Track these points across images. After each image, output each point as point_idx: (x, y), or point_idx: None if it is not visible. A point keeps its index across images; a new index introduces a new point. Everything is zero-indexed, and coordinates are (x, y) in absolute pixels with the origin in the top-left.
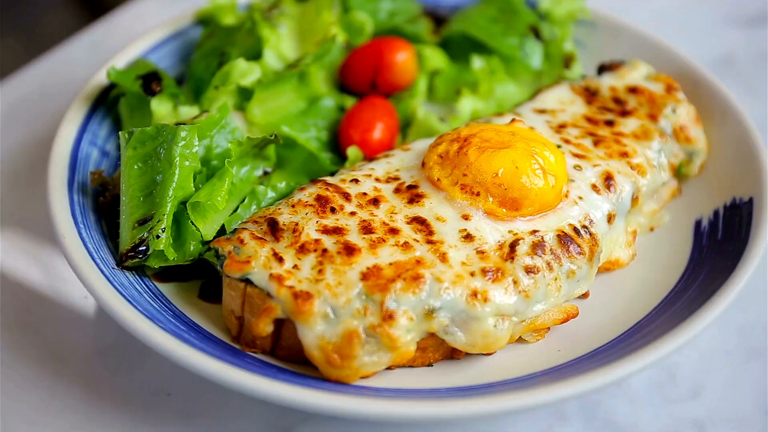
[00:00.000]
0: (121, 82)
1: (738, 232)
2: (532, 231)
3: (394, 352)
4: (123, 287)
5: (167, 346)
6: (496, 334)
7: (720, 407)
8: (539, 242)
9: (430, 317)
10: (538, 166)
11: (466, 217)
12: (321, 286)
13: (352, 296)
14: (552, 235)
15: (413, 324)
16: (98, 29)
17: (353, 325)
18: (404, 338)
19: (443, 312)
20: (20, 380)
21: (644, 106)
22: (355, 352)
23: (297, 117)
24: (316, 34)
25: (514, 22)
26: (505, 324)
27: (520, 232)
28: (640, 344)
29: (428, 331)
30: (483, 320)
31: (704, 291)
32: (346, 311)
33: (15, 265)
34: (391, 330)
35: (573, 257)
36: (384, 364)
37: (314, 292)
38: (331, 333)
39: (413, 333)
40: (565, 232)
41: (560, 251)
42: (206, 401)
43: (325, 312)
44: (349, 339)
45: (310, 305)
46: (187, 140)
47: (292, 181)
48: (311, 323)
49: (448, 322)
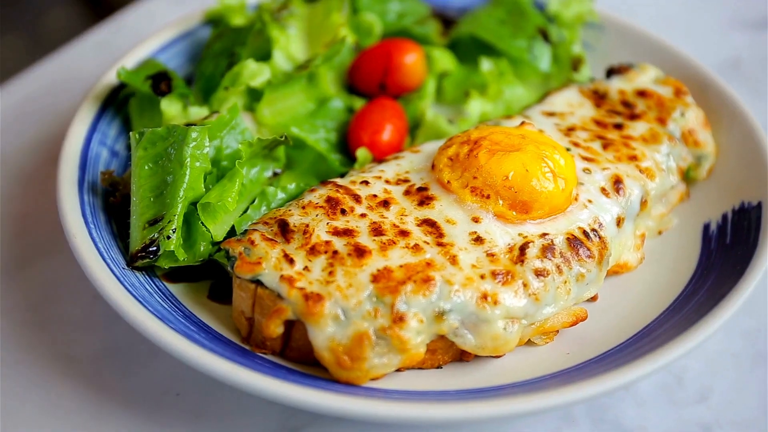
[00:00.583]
0: (131, 82)
1: (747, 237)
2: (542, 234)
3: (404, 354)
4: (133, 287)
5: (177, 347)
6: (505, 337)
7: (727, 410)
8: (549, 245)
9: (440, 319)
10: (548, 169)
11: (476, 219)
12: (332, 288)
13: (362, 298)
14: (562, 239)
15: (423, 326)
16: (105, 29)
17: (363, 326)
18: (414, 340)
19: (453, 314)
20: (28, 381)
21: (653, 109)
22: (366, 354)
23: (306, 118)
24: (326, 36)
25: (523, 24)
26: (514, 327)
27: (530, 235)
28: (649, 348)
29: (438, 333)
30: (493, 323)
31: (713, 295)
32: (357, 313)
33: (23, 264)
34: (402, 332)
35: (582, 260)
36: (394, 366)
37: (325, 293)
38: (342, 335)
39: (423, 335)
40: (574, 235)
41: (570, 254)
42: (215, 402)
43: (336, 314)
44: (360, 341)
45: (320, 307)
46: (197, 141)
47: (302, 182)
48: (322, 325)
49: (458, 325)
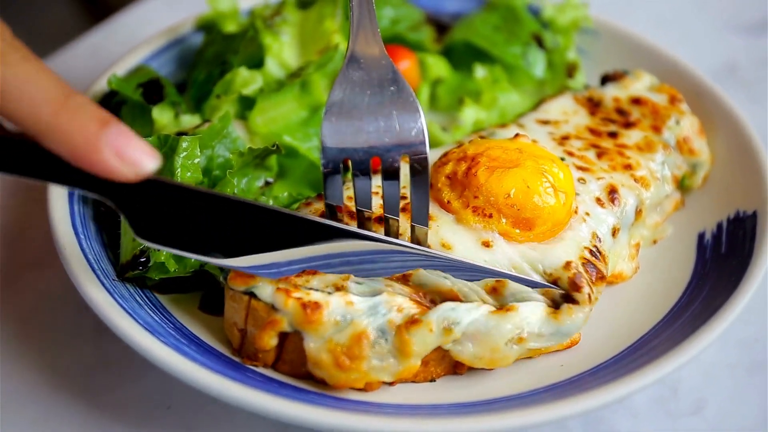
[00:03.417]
0: (122, 90)
1: (741, 246)
2: (566, 264)
3: (403, 359)
4: (123, 299)
5: (166, 360)
6: (505, 352)
7: (722, 422)
8: (575, 276)
9: (449, 332)
10: (549, 184)
11: (486, 244)
12: (332, 298)
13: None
14: (579, 264)
15: (432, 336)
16: (99, 33)
17: (363, 325)
18: (418, 347)
19: (460, 327)
20: (18, 393)
21: (648, 117)
22: (365, 353)
23: (299, 126)
24: (319, 42)
25: (517, 30)
26: (517, 346)
27: (554, 272)
28: (643, 361)
29: (441, 345)
30: (498, 336)
31: (707, 307)
32: (359, 314)
33: (15, 274)
34: (409, 335)
35: (597, 283)
36: (391, 373)
37: (324, 302)
38: (340, 336)
39: (428, 346)
40: (587, 258)
41: (588, 279)
42: (207, 415)
43: (336, 320)
44: (358, 339)
45: (319, 314)
46: (188, 151)
47: (294, 191)
48: (321, 332)
49: (460, 336)
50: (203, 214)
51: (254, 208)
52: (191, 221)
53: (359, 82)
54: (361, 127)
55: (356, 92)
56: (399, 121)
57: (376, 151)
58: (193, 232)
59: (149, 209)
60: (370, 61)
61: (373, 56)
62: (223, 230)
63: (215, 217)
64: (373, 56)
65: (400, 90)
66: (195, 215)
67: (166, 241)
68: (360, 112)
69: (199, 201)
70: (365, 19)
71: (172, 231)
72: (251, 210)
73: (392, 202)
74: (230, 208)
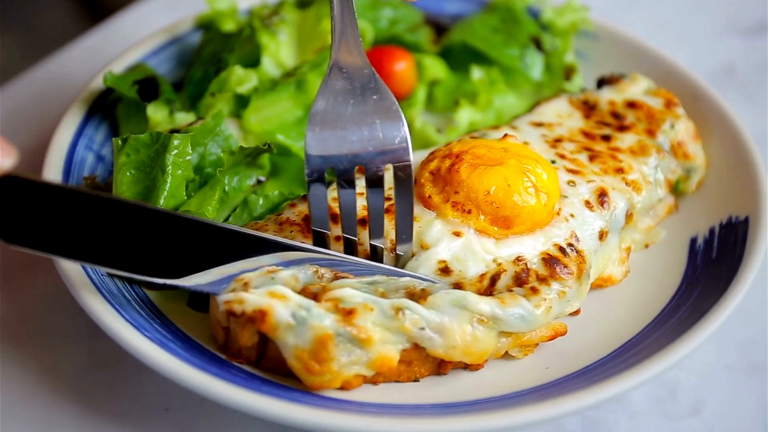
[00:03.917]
0: (117, 86)
1: (732, 252)
2: (517, 259)
3: (368, 347)
4: (111, 295)
5: (152, 356)
6: (475, 334)
7: (721, 423)
8: (522, 271)
9: (397, 313)
10: (531, 183)
11: (457, 234)
12: (275, 299)
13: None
14: (537, 260)
15: (376, 315)
16: (98, 33)
17: (323, 325)
18: (374, 331)
19: (408, 310)
20: (14, 395)
21: (642, 121)
22: (332, 354)
23: (293, 125)
24: (316, 42)
25: (516, 32)
26: (482, 327)
27: (504, 263)
28: (629, 364)
29: (402, 331)
30: (458, 321)
31: (696, 311)
32: (309, 314)
33: (11, 275)
34: (357, 320)
35: (561, 278)
36: (364, 364)
37: (267, 306)
38: (303, 340)
39: (383, 330)
40: (550, 254)
41: (547, 274)
42: (204, 417)
43: (288, 322)
44: (323, 343)
45: (269, 321)
46: (180, 148)
47: (286, 190)
48: (280, 337)
49: (423, 325)
50: (75, 215)
51: (143, 210)
52: (60, 221)
53: (342, 91)
54: (344, 136)
55: (339, 101)
56: (382, 129)
57: (359, 160)
58: (62, 233)
59: (12, 209)
60: (353, 70)
61: (355, 65)
62: (107, 235)
63: (92, 219)
64: (356, 65)
65: (383, 98)
66: (65, 216)
67: (35, 244)
68: (343, 121)
69: (66, 200)
70: (347, 28)
71: (38, 232)
72: (138, 212)
73: (376, 208)
74: (114, 209)
